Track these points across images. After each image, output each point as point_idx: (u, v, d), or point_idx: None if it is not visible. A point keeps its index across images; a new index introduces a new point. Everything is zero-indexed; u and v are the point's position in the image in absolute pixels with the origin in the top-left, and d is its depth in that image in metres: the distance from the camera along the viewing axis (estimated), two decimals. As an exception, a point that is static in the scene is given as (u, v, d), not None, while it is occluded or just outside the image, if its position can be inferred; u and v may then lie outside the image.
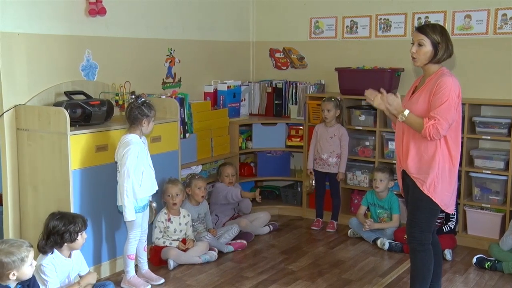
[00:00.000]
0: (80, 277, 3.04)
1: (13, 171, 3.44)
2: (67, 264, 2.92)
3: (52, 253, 2.86)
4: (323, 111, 4.41)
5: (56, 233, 2.86)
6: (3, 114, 3.36)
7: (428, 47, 2.76)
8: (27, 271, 2.50)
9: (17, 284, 2.52)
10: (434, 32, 2.76)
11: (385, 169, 4.20)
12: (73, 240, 2.87)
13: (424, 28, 2.79)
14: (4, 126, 3.38)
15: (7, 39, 3.31)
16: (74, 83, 3.66)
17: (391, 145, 4.38)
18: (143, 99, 3.29)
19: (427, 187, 2.79)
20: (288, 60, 5.16)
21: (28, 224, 3.46)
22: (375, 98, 2.80)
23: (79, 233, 2.89)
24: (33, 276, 2.65)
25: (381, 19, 4.66)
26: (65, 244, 2.88)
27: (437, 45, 2.75)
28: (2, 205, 3.48)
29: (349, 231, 4.37)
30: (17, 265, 2.46)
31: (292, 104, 4.96)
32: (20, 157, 3.44)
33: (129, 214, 3.22)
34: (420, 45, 2.78)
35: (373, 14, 4.69)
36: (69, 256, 2.94)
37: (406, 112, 2.76)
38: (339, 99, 4.45)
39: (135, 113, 3.24)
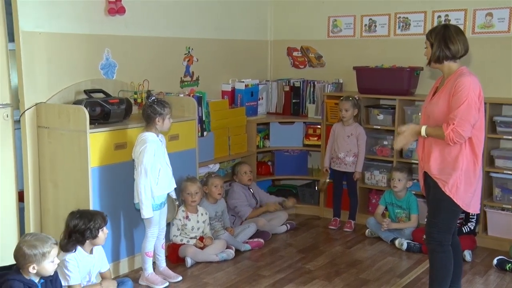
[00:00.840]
0: (101, 274, 3.06)
1: (34, 168, 3.48)
2: (89, 261, 2.94)
3: (75, 250, 2.89)
4: (341, 110, 4.39)
5: (77, 232, 2.88)
6: (24, 112, 3.41)
7: (429, 48, 2.82)
8: (47, 267, 2.53)
9: (40, 278, 2.55)
10: (431, 33, 2.82)
11: (404, 169, 4.17)
12: (94, 236, 2.90)
13: (429, 31, 2.86)
14: (26, 124, 3.42)
15: (28, 38, 3.35)
16: (93, 82, 3.69)
17: (410, 145, 4.29)
18: (153, 98, 3.31)
19: (449, 188, 2.76)
20: (306, 59, 5.15)
21: (49, 220, 3.49)
22: (397, 142, 2.89)
23: (100, 229, 2.91)
24: (56, 272, 2.67)
25: (400, 17, 4.62)
26: (87, 241, 2.90)
27: (432, 45, 2.78)
28: (23, 201, 3.51)
29: (367, 231, 4.35)
30: (38, 259, 2.48)
31: (310, 103, 4.96)
32: (40, 155, 3.48)
33: (146, 211, 3.23)
34: (425, 47, 2.85)
35: (392, 13, 4.65)
36: (91, 252, 2.96)
37: (423, 130, 2.80)
38: (357, 98, 4.43)
39: (148, 112, 3.27)
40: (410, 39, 4.57)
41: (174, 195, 3.53)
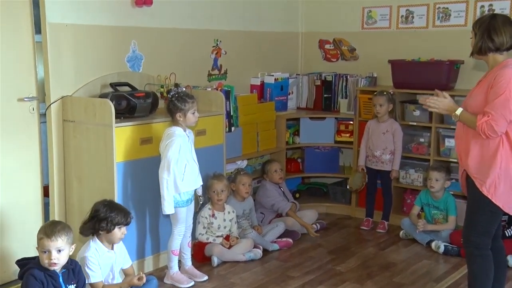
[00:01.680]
0: (124, 271, 3.06)
1: (59, 163, 3.51)
2: (110, 257, 2.93)
3: (93, 240, 2.89)
4: (375, 105, 4.33)
5: (95, 217, 2.88)
6: (50, 105, 3.44)
7: (474, 39, 2.73)
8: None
9: (62, 268, 2.59)
10: (477, 22, 2.73)
11: (441, 168, 4.09)
12: (109, 230, 2.87)
13: (475, 20, 2.77)
14: (52, 117, 3.46)
15: (55, 30, 3.37)
16: (119, 75, 3.70)
17: (448, 142, 4.24)
18: (173, 93, 3.30)
19: (487, 188, 2.67)
20: (339, 52, 5.10)
21: (74, 216, 3.51)
22: (427, 102, 2.76)
23: (117, 226, 2.89)
24: (78, 265, 2.71)
25: (439, 7, 4.50)
26: (101, 232, 2.89)
27: (476, 35, 2.70)
28: (48, 196, 3.56)
29: (401, 232, 4.29)
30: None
31: (342, 98, 4.92)
32: (66, 149, 3.51)
33: (167, 207, 3.23)
34: (471, 37, 2.77)
35: (431, 3, 4.55)
36: (112, 248, 2.95)
37: (459, 111, 2.70)
38: (392, 93, 4.37)
39: (170, 107, 3.28)
40: (450, 31, 4.46)
41: (200, 192, 3.53)
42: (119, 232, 2.90)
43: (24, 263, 2.64)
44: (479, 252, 2.75)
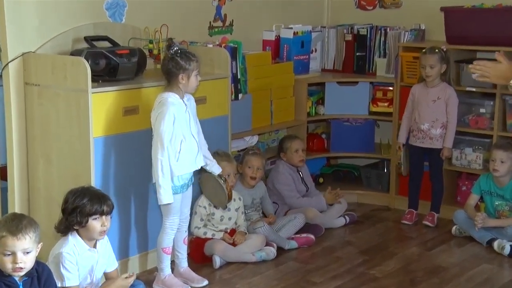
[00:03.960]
0: (106, 275, 3.07)
1: (20, 138, 3.50)
2: (91, 256, 2.94)
3: (72, 235, 2.89)
4: (423, 67, 4.28)
5: (65, 209, 2.89)
6: (7, 64, 3.41)
7: None
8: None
9: (24, 276, 2.58)
10: None
11: (508, 146, 4.07)
12: (81, 223, 2.86)
13: None
14: (10, 80, 3.43)
15: (13, -31, 3.37)
16: (96, 26, 3.69)
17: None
18: (176, 48, 3.31)
19: None
20: (376, -3, 5.12)
21: (39, 203, 3.51)
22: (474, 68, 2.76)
23: (91, 217, 2.87)
24: (47, 269, 2.69)
25: None
26: (75, 228, 2.88)
27: None
28: (6, 180, 3.55)
29: (454, 227, 4.26)
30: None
31: (380, 57, 4.88)
32: (29, 120, 3.49)
33: (164, 196, 3.23)
34: None
35: None
36: (94, 246, 2.96)
37: None
38: (445, 50, 4.30)
39: (169, 66, 3.27)
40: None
41: (216, 170, 3.49)
42: (97, 224, 2.89)
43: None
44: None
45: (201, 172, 3.55)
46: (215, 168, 3.51)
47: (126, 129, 3.43)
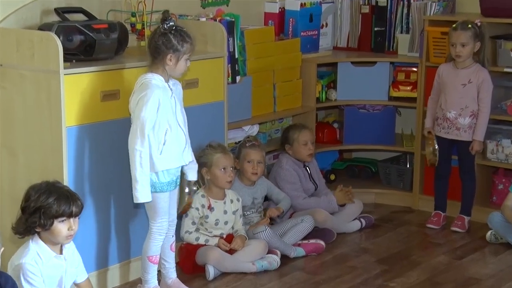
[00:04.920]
0: (77, 285, 3.07)
1: (-21, 127, 3.52)
2: (58, 265, 2.92)
3: (33, 241, 2.87)
4: (453, 45, 4.26)
5: (26, 208, 2.85)
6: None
7: None
8: None
9: None
10: None
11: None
12: (44, 225, 2.83)
13: None
14: (-35, 59, 3.46)
15: None
16: (69, -4, 3.69)
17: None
18: (171, 23, 3.30)
19: None
20: (398, -38, 5.11)
21: (3, 204, 3.51)
22: None
23: (57, 219, 2.84)
24: (11, 281, 2.68)
25: None
26: (37, 230, 2.86)
27: None
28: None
29: (489, 233, 4.27)
30: None
31: (402, 33, 4.90)
32: (-11, 107, 3.51)
33: (141, 193, 3.23)
34: None
35: None
36: (60, 252, 2.96)
37: None
38: (479, 24, 4.27)
39: (159, 42, 3.26)
40: None
41: (193, 176, 3.51)
42: (63, 227, 2.86)
43: None
44: None
45: None
46: (190, 173, 3.48)
47: (104, 117, 3.43)
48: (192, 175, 3.51)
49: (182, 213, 3.66)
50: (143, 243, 3.40)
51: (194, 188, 3.59)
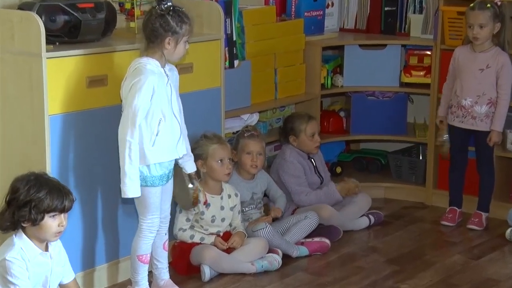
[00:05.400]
0: (63, 286, 3.08)
1: (-45, 115, 3.52)
2: (43, 262, 2.94)
3: (18, 236, 2.88)
4: (471, 26, 4.26)
5: (13, 201, 2.86)
6: None
7: None
8: None
9: None
10: None
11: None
12: (34, 221, 2.83)
13: None
14: None
15: None
16: (52, -27, 3.70)
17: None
18: (169, 4, 3.30)
19: None
20: None
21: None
22: None
23: (49, 214, 2.86)
24: None
25: None
26: (24, 225, 2.86)
27: None
28: None
29: (508, 230, 4.28)
30: None
31: (414, 13, 4.92)
32: (-34, 93, 3.52)
33: (130, 187, 3.23)
34: None
35: None
36: (46, 249, 2.95)
37: None
38: (499, 4, 4.27)
39: (156, 24, 3.26)
40: None
41: (189, 168, 3.51)
42: (53, 223, 2.88)
43: None
44: None
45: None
46: (188, 165, 3.51)
47: (90, 104, 3.43)
48: (190, 167, 3.53)
49: (194, 205, 3.65)
50: (132, 242, 3.40)
51: (197, 183, 3.58)
